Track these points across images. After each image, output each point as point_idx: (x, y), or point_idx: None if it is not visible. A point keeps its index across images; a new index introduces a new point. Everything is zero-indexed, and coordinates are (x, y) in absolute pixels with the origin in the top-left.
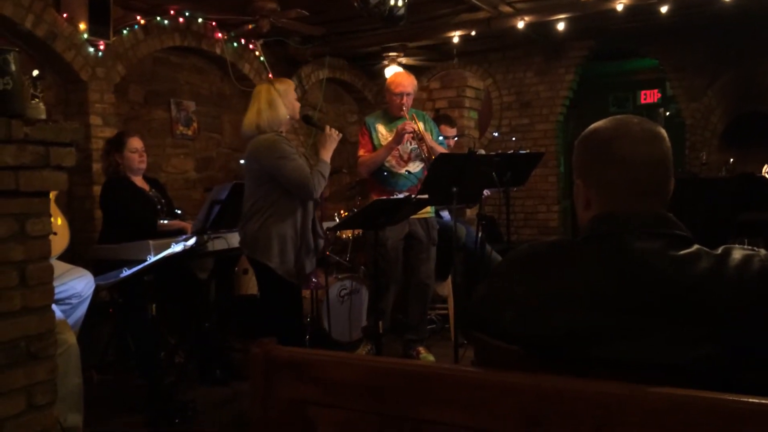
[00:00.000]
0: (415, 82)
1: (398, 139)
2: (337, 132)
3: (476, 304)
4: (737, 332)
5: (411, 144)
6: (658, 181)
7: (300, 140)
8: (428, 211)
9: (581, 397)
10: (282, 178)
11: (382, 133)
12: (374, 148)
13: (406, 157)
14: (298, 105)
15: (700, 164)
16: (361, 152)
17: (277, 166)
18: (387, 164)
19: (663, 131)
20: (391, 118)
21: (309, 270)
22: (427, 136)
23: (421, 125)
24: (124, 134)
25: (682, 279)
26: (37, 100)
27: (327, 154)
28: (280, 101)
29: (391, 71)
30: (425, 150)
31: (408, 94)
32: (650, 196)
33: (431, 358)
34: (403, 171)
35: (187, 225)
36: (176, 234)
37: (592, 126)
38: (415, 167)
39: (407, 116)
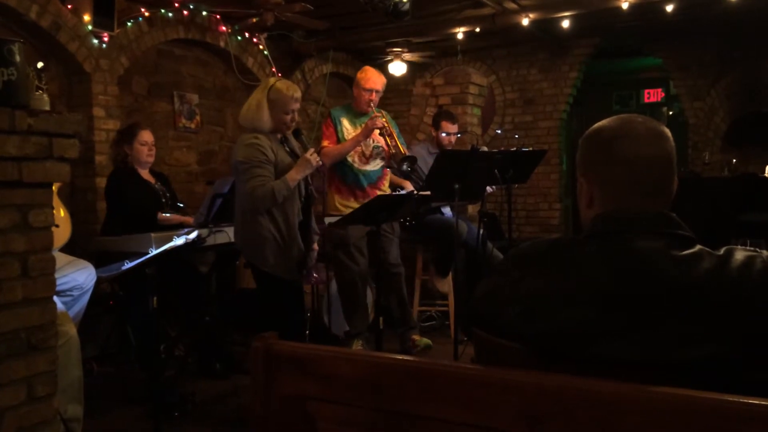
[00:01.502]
0: (385, 80)
1: (367, 132)
2: (317, 159)
3: (477, 302)
4: (738, 333)
5: (374, 141)
6: (662, 180)
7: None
8: None
9: (582, 395)
10: (239, 181)
11: (347, 127)
12: (338, 141)
13: (368, 153)
14: (286, 118)
15: (703, 164)
16: (324, 143)
17: (239, 170)
18: (349, 160)
19: (667, 131)
20: (356, 113)
21: (309, 265)
22: (395, 133)
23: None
24: (136, 126)
25: (684, 279)
26: (41, 91)
27: (295, 177)
28: (266, 109)
29: (396, 67)
30: (393, 146)
31: (377, 92)
32: (653, 195)
33: (426, 341)
34: (363, 168)
35: (188, 219)
36: (177, 227)
37: (597, 125)
38: (375, 165)
39: (375, 112)
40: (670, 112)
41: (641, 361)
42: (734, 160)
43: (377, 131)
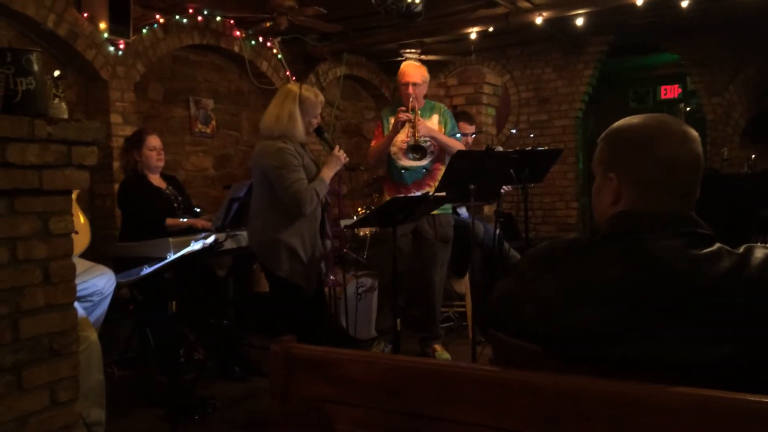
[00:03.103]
0: (423, 72)
1: (395, 127)
2: (345, 155)
3: (495, 303)
4: (758, 332)
5: (422, 138)
6: (693, 182)
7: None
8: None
9: (599, 396)
10: (278, 187)
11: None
12: None
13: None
14: (316, 121)
15: (722, 160)
16: (372, 143)
17: (275, 176)
18: (394, 157)
19: (696, 133)
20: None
21: (324, 269)
22: (421, 124)
23: (435, 118)
24: (143, 132)
25: (703, 278)
26: (58, 99)
27: (329, 174)
28: (300, 117)
29: (411, 62)
30: (412, 137)
31: (415, 84)
32: (684, 196)
33: (446, 356)
34: (407, 164)
35: (197, 222)
36: (188, 232)
37: (628, 122)
38: (424, 161)
39: (413, 106)
40: (688, 108)
41: (659, 362)
42: (753, 156)
43: (422, 128)
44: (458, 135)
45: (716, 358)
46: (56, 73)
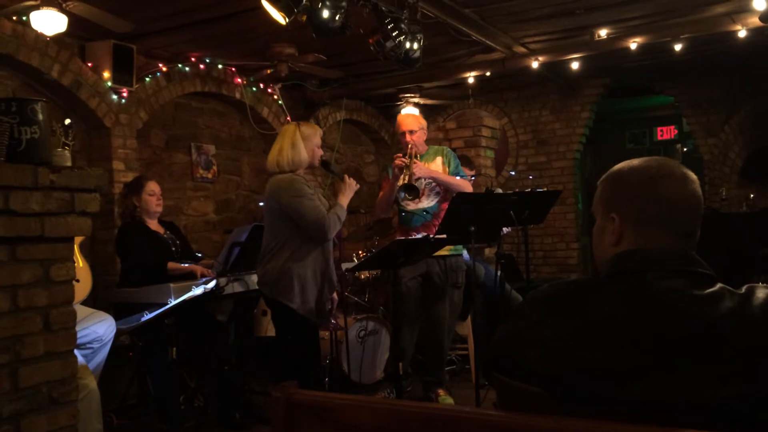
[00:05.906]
0: (420, 120)
1: (395, 174)
2: (355, 182)
3: (498, 345)
4: (762, 371)
5: (425, 180)
6: (695, 221)
7: (318, 181)
8: (449, 248)
9: None
10: (298, 216)
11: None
12: None
13: (420, 192)
14: (319, 152)
15: (720, 200)
16: (380, 194)
17: (293, 205)
18: (402, 204)
19: (695, 176)
20: None
21: (328, 307)
22: (417, 166)
23: (439, 160)
24: (142, 177)
25: (706, 318)
26: (67, 148)
27: (345, 200)
28: (302, 144)
29: (407, 112)
30: (405, 178)
31: (412, 132)
32: (686, 236)
33: (450, 400)
34: (413, 208)
35: (197, 268)
36: (189, 277)
37: (627, 164)
38: (430, 202)
39: (411, 152)
40: (684, 149)
41: (664, 402)
42: (752, 195)
43: (417, 170)
44: (462, 173)
45: (721, 399)
46: (67, 121)
